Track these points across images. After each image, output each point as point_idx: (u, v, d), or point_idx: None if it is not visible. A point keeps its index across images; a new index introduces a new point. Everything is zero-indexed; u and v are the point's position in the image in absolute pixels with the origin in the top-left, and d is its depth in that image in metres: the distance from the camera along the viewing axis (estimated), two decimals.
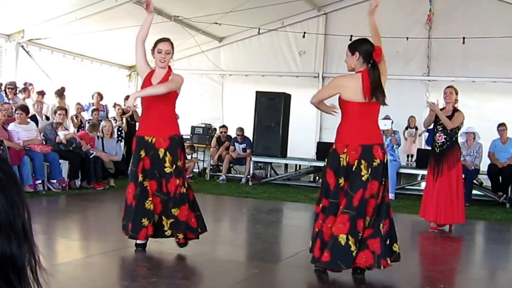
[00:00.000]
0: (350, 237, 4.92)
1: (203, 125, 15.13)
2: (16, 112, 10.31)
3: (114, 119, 13.53)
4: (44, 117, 11.86)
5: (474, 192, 12.24)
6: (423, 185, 11.25)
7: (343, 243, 4.91)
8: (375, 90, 5.11)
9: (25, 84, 12.37)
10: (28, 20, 12.33)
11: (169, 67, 5.90)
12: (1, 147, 9.20)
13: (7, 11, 11.60)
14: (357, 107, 5.11)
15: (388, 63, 16.30)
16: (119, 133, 13.43)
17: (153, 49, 5.84)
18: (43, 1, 11.52)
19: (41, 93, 12.40)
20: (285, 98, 13.95)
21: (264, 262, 5.82)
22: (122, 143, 13.32)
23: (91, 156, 11.10)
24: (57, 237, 6.79)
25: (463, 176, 8.99)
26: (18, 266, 1.25)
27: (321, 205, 5.17)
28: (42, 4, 11.61)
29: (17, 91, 11.92)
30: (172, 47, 5.89)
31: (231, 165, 14.73)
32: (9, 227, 1.23)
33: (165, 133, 5.69)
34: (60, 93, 12.71)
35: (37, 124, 11.10)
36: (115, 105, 13.93)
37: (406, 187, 13.38)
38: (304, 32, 14.71)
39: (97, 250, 6.13)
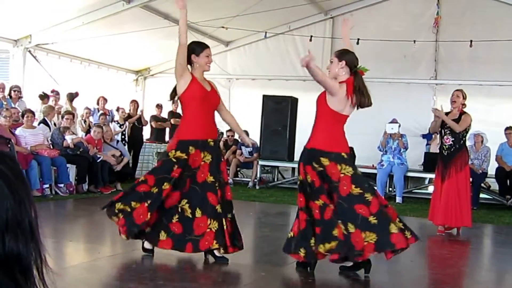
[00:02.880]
0: None
1: None
2: (26, 115, 10.36)
3: (118, 122, 13.54)
4: (53, 122, 11.89)
5: (482, 195, 12.20)
6: (430, 188, 11.22)
7: None
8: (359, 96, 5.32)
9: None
10: (35, 25, 12.38)
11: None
12: (9, 146, 9.21)
13: (14, 16, 11.65)
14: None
15: (395, 67, 16.25)
16: (122, 136, 13.45)
17: (196, 54, 5.67)
18: (50, 6, 11.55)
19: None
20: (292, 102, 13.95)
21: (271, 265, 5.82)
22: (126, 147, 13.31)
23: (98, 160, 11.12)
24: (64, 241, 6.80)
25: (471, 179, 8.96)
26: (24, 264, 1.25)
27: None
28: (49, 9, 11.65)
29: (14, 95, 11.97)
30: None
31: (238, 169, 14.74)
32: (16, 225, 1.23)
33: None
34: (72, 97, 12.75)
35: (50, 129, 11.19)
36: (118, 108, 13.97)
37: (413, 191, 13.35)
38: (311, 36, 14.70)
39: (104, 253, 6.14)
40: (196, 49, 5.70)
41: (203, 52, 5.69)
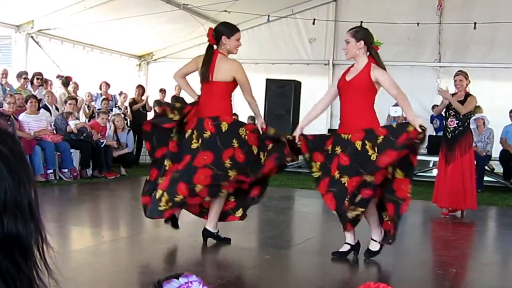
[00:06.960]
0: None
1: None
2: (29, 101, 10.35)
3: (119, 108, 13.50)
4: (54, 107, 11.88)
5: (486, 178, 12.17)
6: (434, 171, 11.19)
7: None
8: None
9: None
10: (37, 10, 12.33)
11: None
12: (9, 123, 9.19)
13: (16, 2, 11.60)
14: None
15: (399, 50, 16.13)
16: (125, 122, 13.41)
17: (227, 36, 5.75)
18: None
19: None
20: (296, 86, 13.89)
21: (275, 248, 5.83)
22: (131, 133, 13.28)
23: (102, 145, 11.12)
24: (68, 225, 6.81)
25: (475, 162, 8.94)
26: (24, 245, 1.23)
27: None
28: None
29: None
30: None
31: None
32: (15, 206, 1.21)
33: None
34: (66, 82, 12.74)
35: (50, 114, 11.18)
36: (121, 93, 13.95)
37: (418, 174, 13.30)
38: (314, 19, 14.63)
39: (108, 237, 6.15)
40: (226, 31, 5.75)
41: (234, 35, 5.76)
